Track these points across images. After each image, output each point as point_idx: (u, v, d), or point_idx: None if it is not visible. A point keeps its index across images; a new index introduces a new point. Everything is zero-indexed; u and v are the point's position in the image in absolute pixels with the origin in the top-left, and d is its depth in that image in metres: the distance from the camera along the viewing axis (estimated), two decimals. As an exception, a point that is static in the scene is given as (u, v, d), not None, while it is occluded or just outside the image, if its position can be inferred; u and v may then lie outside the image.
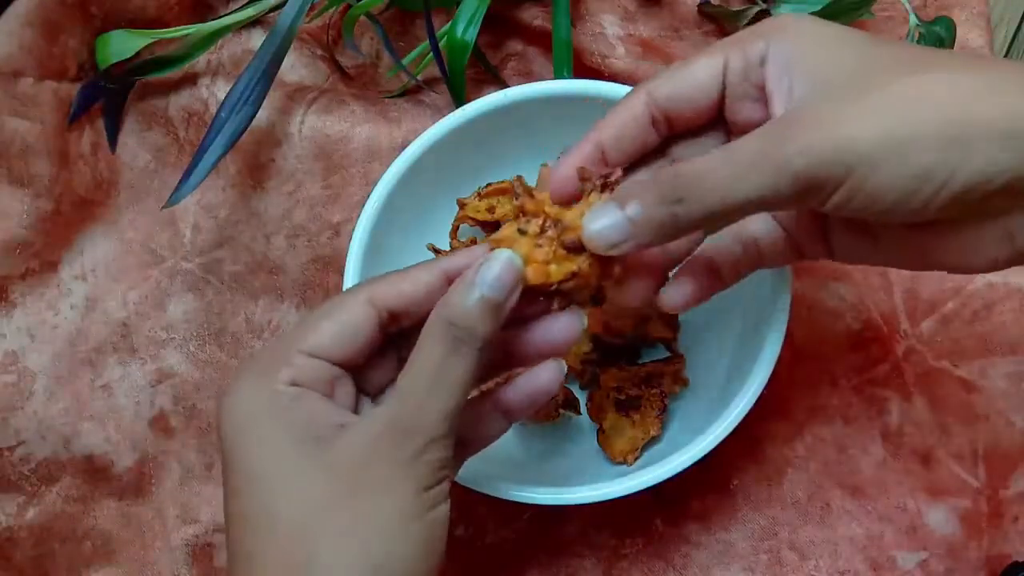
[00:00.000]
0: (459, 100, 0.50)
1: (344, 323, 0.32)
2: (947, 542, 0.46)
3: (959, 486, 0.47)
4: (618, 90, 0.44)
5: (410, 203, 0.45)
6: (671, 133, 0.34)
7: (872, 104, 0.28)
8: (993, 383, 0.47)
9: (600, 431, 0.45)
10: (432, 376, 0.29)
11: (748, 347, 0.42)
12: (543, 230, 0.31)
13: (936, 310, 0.48)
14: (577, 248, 0.31)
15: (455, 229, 0.48)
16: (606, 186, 0.31)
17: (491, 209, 0.47)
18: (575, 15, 0.51)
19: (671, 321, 0.47)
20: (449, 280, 0.32)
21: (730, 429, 0.40)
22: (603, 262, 0.31)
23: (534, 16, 0.51)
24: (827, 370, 0.48)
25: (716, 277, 0.35)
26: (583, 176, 0.31)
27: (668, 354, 0.47)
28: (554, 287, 0.31)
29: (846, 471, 0.47)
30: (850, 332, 0.48)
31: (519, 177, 0.29)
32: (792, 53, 0.31)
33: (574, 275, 0.31)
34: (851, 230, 0.33)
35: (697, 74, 0.33)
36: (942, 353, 0.48)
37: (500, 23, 0.52)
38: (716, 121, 0.34)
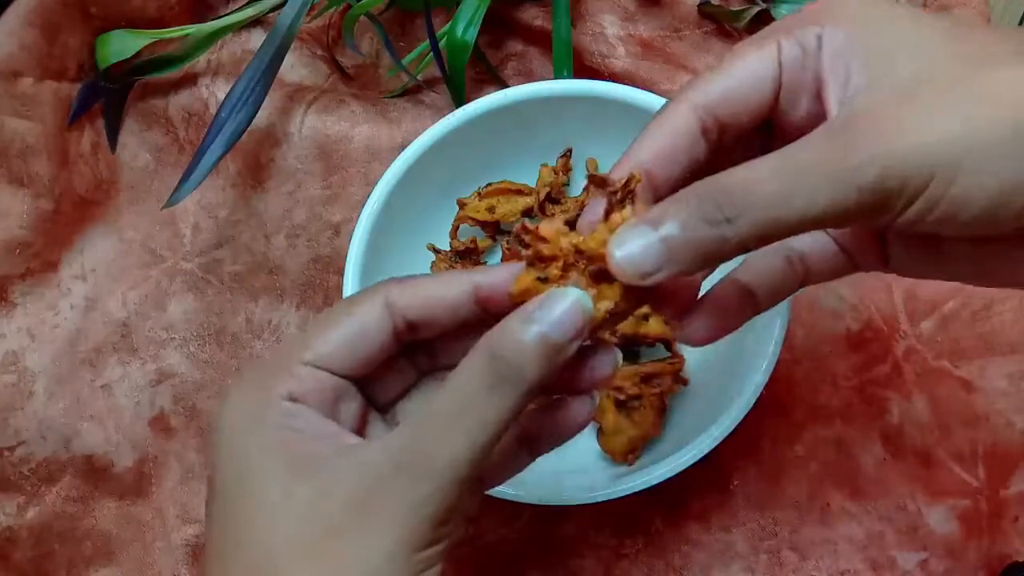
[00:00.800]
0: (459, 100, 0.50)
1: (355, 330, 0.28)
2: (947, 542, 0.46)
3: (959, 486, 0.46)
4: (618, 90, 0.44)
5: (410, 203, 0.45)
6: (720, 144, 0.29)
7: (954, 100, 0.24)
8: (993, 383, 0.47)
9: (600, 431, 0.45)
10: (459, 411, 0.25)
11: (748, 347, 0.42)
12: (566, 271, 0.27)
13: (936, 310, 0.48)
14: (606, 277, 0.26)
15: (455, 229, 0.48)
16: (627, 195, 0.26)
17: (491, 209, 0.47)
18: (575, 15, 0.51)
19: (670, 322, 0.47)
20: (479, 297, 0.28)
21: (730, 429, 0.40)
22: (637, 289, 0.26)
23: (534, 16, 0.51)
24: (827, 370, 0.48)
25: (750, 302, 0.31)
26: (596, 181, 0.27)
27: (668, 354, 0.47)
28: (598, 327, 0.27)
29: (846, 471, 0.47)
30: (850, 332, 0.48)
31: (523, 225, 0.26)
32: (850, 37, 0.26)
33: (612, 314, 0.27)
34: (914, 241, 0.29)
35: (751, 67, 0.28)
36: (942, 353, 0.48)
37: (500, 23, 0.52)
38: (765, 126, 0.30)
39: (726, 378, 0.43)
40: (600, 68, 0.51)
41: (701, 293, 0.30)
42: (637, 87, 0.44)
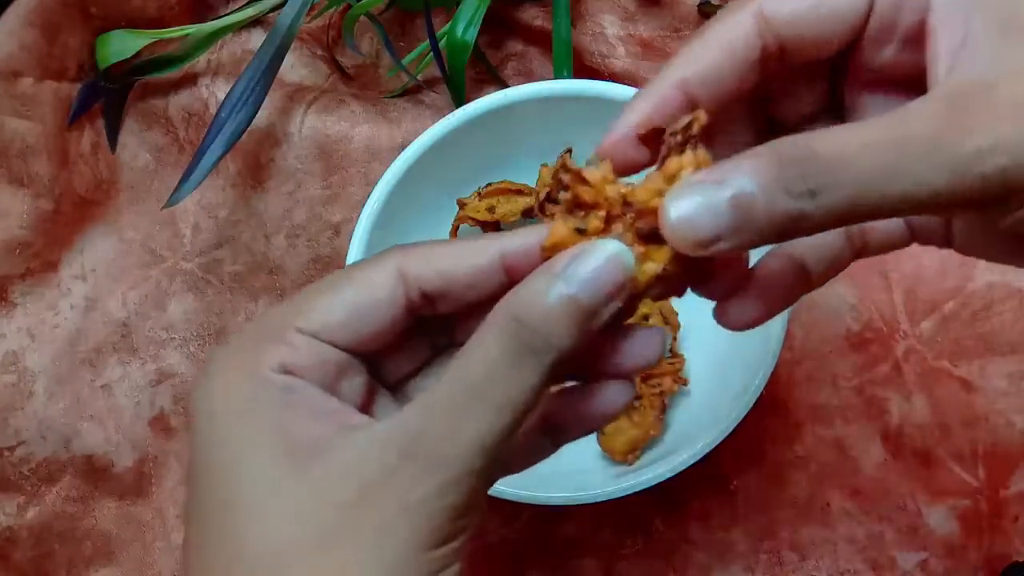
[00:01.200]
0: (459, 100, 0.50)
1: (361, 300, 0.24)
2: (947, 542, 0.46)
3: (959, 486, 0.46)
4: (618, 90, 0.43)
5: (410, 203, 0.45)
6: (776, 77, 0.25)
7: None
8: (993, 383, 0.47)
9: (600, 431, 0.45)
10: (477, 389, 0.22)
11: (748, 347, 0.42)
12: (609, 224, 0.23)
13: (936, 310, 0.48)
14: (656, 238, 0.22)
15: (455, 229, 0.48)
16: (688, 141, 0.22)
17: (491, 209, 0.47)
18: (575, 15, 0.51)
19: (671, 321, 0.47)
20: (508, 267, 0.24)
21: (730, 429, 0.40)
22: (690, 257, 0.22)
23: (534, 16, 0.51)
24: (827, 370, 0.48)
25: (803, 279, 0.27)
26: (651, 132, 0.23)
27: (668, 354, 0.46)
28: (640, 293, 0.23)
29: (846, 471, 0.47)
30: (850, 332, 0.48)
31: (566, 153, 0.22)
32: None
33: (660, 279, 0.23)
34: (991, 225, 0.25)
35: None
36: (942, 353, 0.48)
37: (500, 23, 0.52)
38: (832, 67, 0.25)
39: (726, 378, 0.43)
40: (600, 68, 0.51)
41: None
42: (637, 87, 0.44)
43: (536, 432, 0.26)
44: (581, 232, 0.23)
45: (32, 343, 0.48)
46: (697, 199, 0.21)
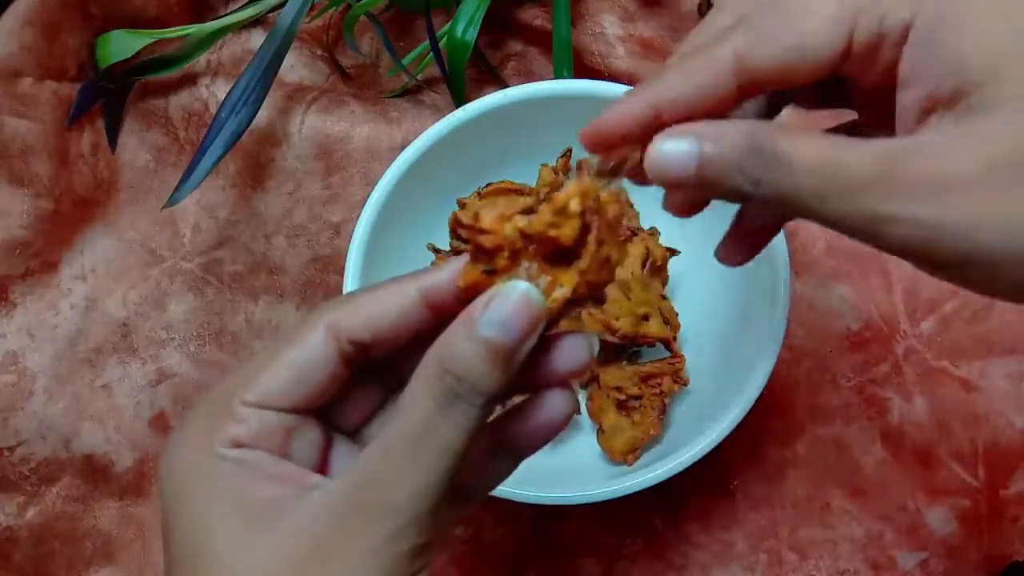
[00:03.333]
0: (459, 100, 0.50)
1: (296, 362, 0.25)
2: (947, 542, 0.46)
3: (959, 486, 0.46)
4: (618, 90, 0.43)
5: (410, 203, 0.45)
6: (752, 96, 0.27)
7: None
8: (993, 383, 0.47)
9: (600, 431, 0.45)
10: (415, 438, 0.23)
11: (748, 347, 0.42)
12: (516, 258, 0.24)
13: (936, 310, 0.48)
14: (561, 260, 0.24)
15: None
16: (614, 174, 0.25)
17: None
18: (575, 15, 0.51)
19: (671, 321, 0.47)
20: (429, 303, 0.26)
21: (730, 429, 0.40)
22: (596, 271, 0.24)
23: (534, 16, 0.51)
24: (827, 370, 0.48)
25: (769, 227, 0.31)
26: (578, 163, 0.25)
27: (668, 354, 0.46)
28: (556, 318, 0.25)
29: (846, 471, 0.47)
30: (850, 332, 0.48)
31: (455, 217, 0.23)
32: (946, 38, 0.23)
33: (571, 301, 0.24)
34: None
35: (816, 35, 0.24)
36: (942, 353, 0.48)
37: (500, 23, 0.52)
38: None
39: (726, 378, 0.43)
40: (600, 68, 0.51)
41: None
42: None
43: (491, 456, 0.27)
44: (491, 273, 0.24)
45: (32, 343, 0.48)
46: (679, 145, 0.24)
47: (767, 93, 0.27)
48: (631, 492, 0.40)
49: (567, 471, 0.45)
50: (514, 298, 0.23)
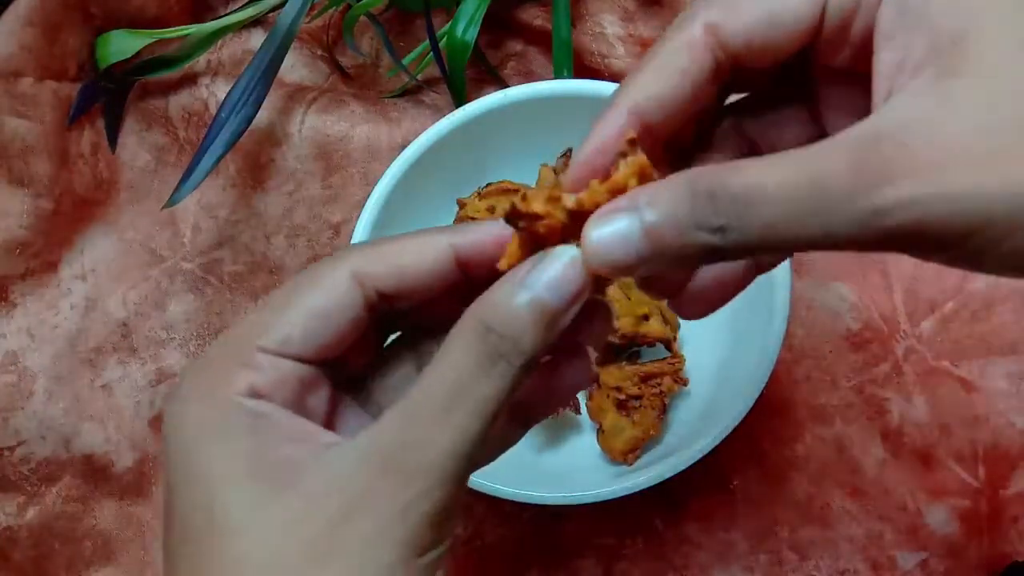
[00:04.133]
0: (459, 100, 0.50)
1: (318, 308, 0.24)
2: (947, 542, 0.46)
3: (959, 486, 0.46)
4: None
5: (410, 203, 0.45)
6: (731, 87, 0.25)
7: None
8: (993, 383, 0.47)
9: (600, 431, 0.45)
10: (453, 394, 0.22)
11: (748, 347, 0.42)
12: (562, 238, 0.23)
13: (936, 310, 0.48)
14: None
15: (455, 229, 0.48)
16: (625, 153, 0.23)
17: (491, 209, 0.47)
18: (575, 15, 0.51)
19: (671, 321, 0.47)
20: (460, 260, 0.25)
21: (730, 429, 0.40)
22: None
23: (534, 16, 0.51)
24: (827, 370, 0.48)
25: (751, 271, 0.27)
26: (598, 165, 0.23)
27: (668, 354, 0.46)
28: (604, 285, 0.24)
29: (846, 471, 0.47)
30: (850, 332, 0.48)
31: (513, 206, 0.22)
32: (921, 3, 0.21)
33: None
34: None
35: (786, 3, 0.23)
36: (942, 353, 0.48)
37: (500, 23, 0.52)
38: (791, 69, 0.25)
39: (726, 378, 0.43)
40: (600, 68, 0.51)
41: None
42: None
43: (506, 422, 0.27)
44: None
45: (32, 343, 0.48)
46: (613, 227, 0.21)
47: (718, 90, 0.25)
48: (630, 492, 0.40)
49: (567, 471, 0.45)
50: (565, 260, 0.22)
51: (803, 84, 0.26)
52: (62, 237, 0.49)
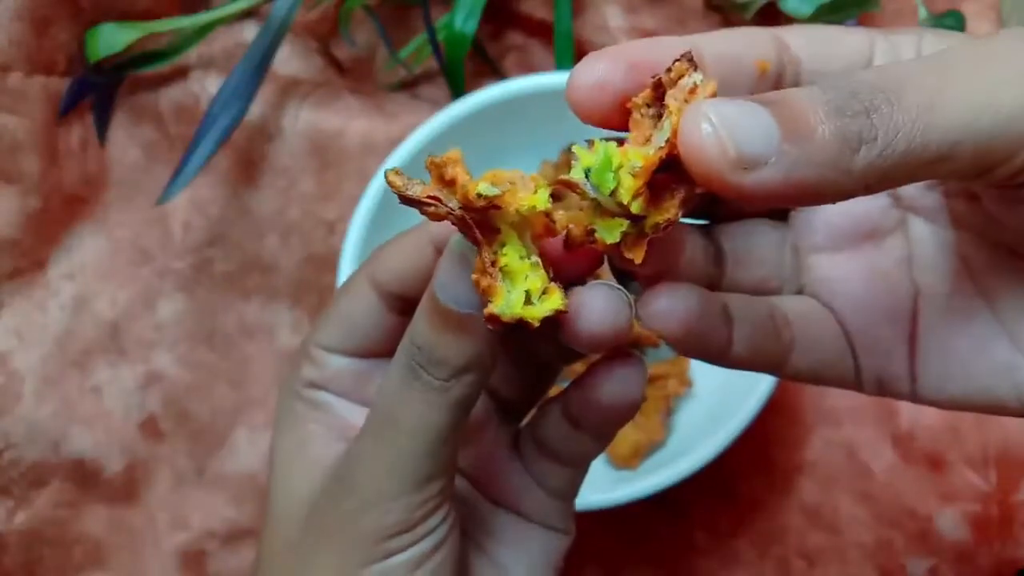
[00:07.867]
0: (457, 93, 0.50)
1: (348, 311, 0.27)
2: (957, 548, 0.46)
3: (970, 490, 0.46)
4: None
5: (407, 200, 0.44)
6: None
7: None
8: (1005, 385, 0.47)
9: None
10: (387, 414, 0.23)
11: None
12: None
13: (947, 310, 0.48)
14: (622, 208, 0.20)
15: (454, 227, 0.47)
16: (660, 96, 0.19)
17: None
18: (577, 7, 0.51)
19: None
20: (440, 252, 0.24)
21: (737, 433, 0.40)
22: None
23: (535, 8, 0.51)
24: (835, 372, 0.47)
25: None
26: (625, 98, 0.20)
27: (672, 355, 0.46)
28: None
29: (855, 476, 0.47)
30: (859, 332, 0.48)
31: (566, 151, 0.20)
32: None
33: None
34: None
35: (845, 47, 0.22)
36: (953, 354, 0.47)
37: (500, 14, 0.52)
38: None
39: (732, 381, 0.43)
40: (602, 61, 0.50)
41: None
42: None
43: (569, 432, 0.26)
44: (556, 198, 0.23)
45: (20, 344, 0.48)
46: (744, 107, 0.17)
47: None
48: (634, 498, 0.40)
49: (569, 476, 0.45)
50: (449, 257, 0.22)
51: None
52: (50, 235, 0.49)
